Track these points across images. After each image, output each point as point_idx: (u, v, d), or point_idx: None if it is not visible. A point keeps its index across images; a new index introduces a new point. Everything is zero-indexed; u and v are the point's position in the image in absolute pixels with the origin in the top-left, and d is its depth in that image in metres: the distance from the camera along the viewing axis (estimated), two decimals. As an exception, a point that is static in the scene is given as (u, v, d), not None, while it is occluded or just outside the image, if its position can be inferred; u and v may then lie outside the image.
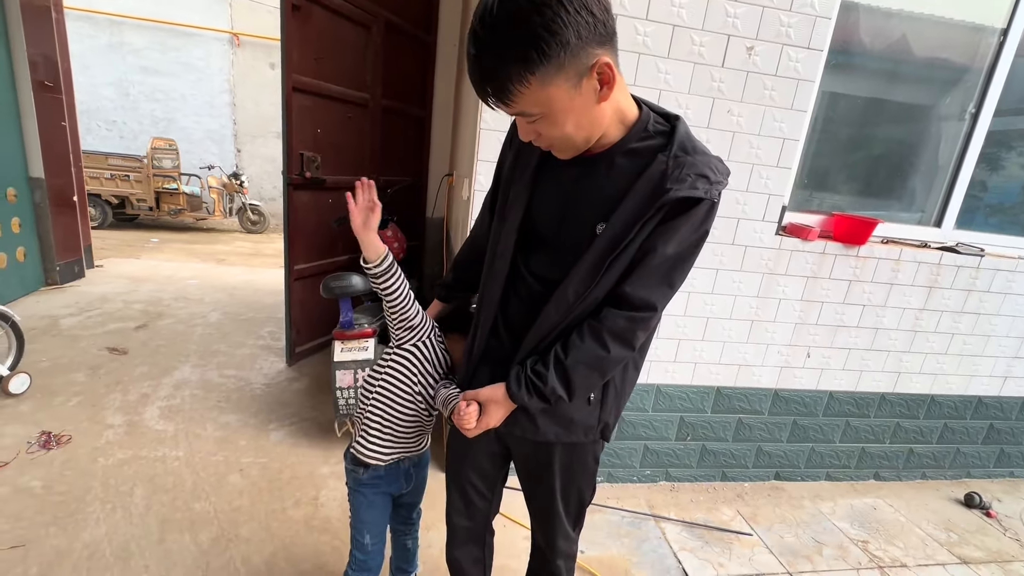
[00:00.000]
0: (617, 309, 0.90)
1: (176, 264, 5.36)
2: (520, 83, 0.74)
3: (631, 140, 0.88)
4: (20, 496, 1.81)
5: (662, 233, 0.85)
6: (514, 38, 0.71)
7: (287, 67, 2.58)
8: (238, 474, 2.07)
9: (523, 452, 1.13)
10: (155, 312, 3.72)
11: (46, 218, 3.87)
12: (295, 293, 2.95)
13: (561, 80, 0.75)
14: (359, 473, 1.25)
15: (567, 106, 0.78)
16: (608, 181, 0.88)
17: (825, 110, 2.15)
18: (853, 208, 2.34)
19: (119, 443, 2.18)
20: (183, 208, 7.53)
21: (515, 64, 0.73)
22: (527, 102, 0.77)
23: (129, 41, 7.90)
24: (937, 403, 2.54)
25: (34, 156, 3.75)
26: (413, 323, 1.15)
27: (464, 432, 1.00)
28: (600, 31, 0.74)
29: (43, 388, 2.52)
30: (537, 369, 0.94)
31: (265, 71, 8.43)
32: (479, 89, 0.79)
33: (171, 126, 8.24)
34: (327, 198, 3.03)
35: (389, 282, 1.08)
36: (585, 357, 0.91)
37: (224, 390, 2.72)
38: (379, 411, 1.20)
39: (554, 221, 0.95)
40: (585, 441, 1.06)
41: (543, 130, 0.83)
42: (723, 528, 2.14)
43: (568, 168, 0.92)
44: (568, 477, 1.11)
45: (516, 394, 0.95)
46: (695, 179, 0.82)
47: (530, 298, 0.98)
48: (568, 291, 0.90)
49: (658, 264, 0.87)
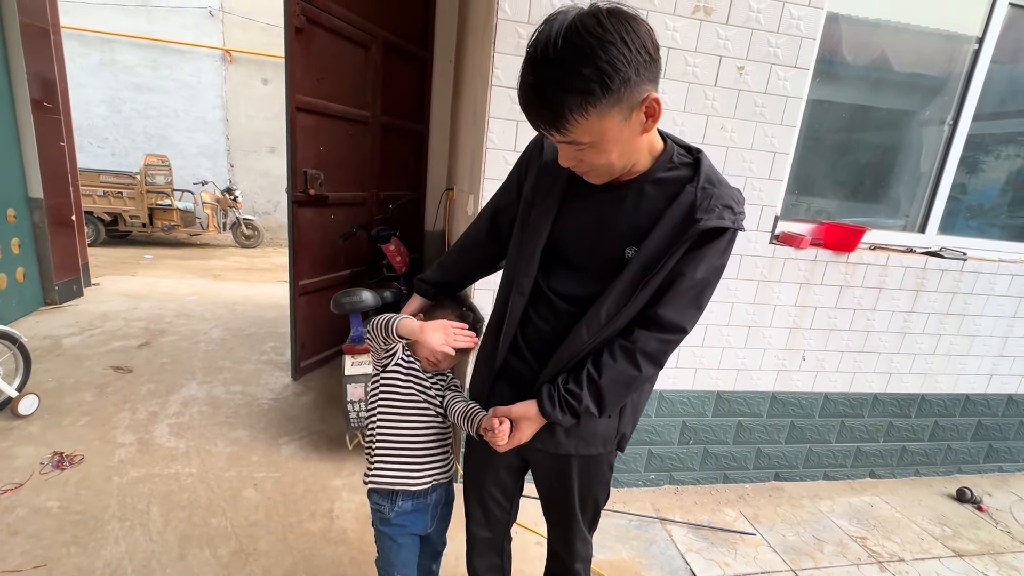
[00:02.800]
0: (649, 331, 0.95)
1: (173, 280, 5.36)
2: (580, 114, 0.78)
3: (658, 170, 0.93)
4: (38, 516, 1.83)
5: (690, 260, 0.91)
6: (579, 72, 0.74)
7: (291, 87, 2.64)
8: (252, 489, 2.10)
9: (543, 464, 1.17)
10: (157, 329, 3.74)
11: (45, 238, 3.88)
12: (300, 308, 2.99)
13: (615, 113, 0.79)
14: (384, 511, 1.22)
15: (616, 137, 0.82)
16: (638, 208, 0.93)
17: (812, 119, 2.25)
18: (841, 215, 2.45)
19: (132, 461, 2.20)
20: (177, 224, 7.52)
21: (577, 96, 0.76)
22: (582, 132, 0.80)
23: (121, 59, 7.92)
24: (927, 402, 2.64)
25: (33, 176, 3.76)
26: (396, 351, 1.19)
27: (495, 448, 1.04)
28: (653, 69, 0.79)
29: (51, 408, 2.53)
30: (571, 388, 0.98)
31: (258, 86, 8.47)
32: (534, 116, 0.82)
33: (164, 142, 8.24)
34: (330, 214, 3.09)
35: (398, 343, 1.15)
36: (618, 376, 0.96)
37: (232, 406, 2.74)
38: (393, 435, 1.19)
39: (583, 242, 0.99)
40: (603, 452, 1.11)
41: (588, 158, 0.87)
42: (727, 529, 2.21)
43: (598, 193, 0.97)
44: (586, 487, 1.15)
45: (551, 413, 0.99)
46: (722, 210, 0.88)
47: (553, 316, 1.02)
48: (601, 313, 0.95)
49: (687, 288, 0.92)
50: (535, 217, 1.02)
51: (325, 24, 2.76)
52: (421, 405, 1.19)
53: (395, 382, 1.18)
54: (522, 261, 1.04)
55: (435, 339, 1.07)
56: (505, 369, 1.11)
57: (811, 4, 1.93)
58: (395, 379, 1.18)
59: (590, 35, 0.74)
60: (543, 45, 0.76)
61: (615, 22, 0.74)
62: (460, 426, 1.16)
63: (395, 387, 1.18)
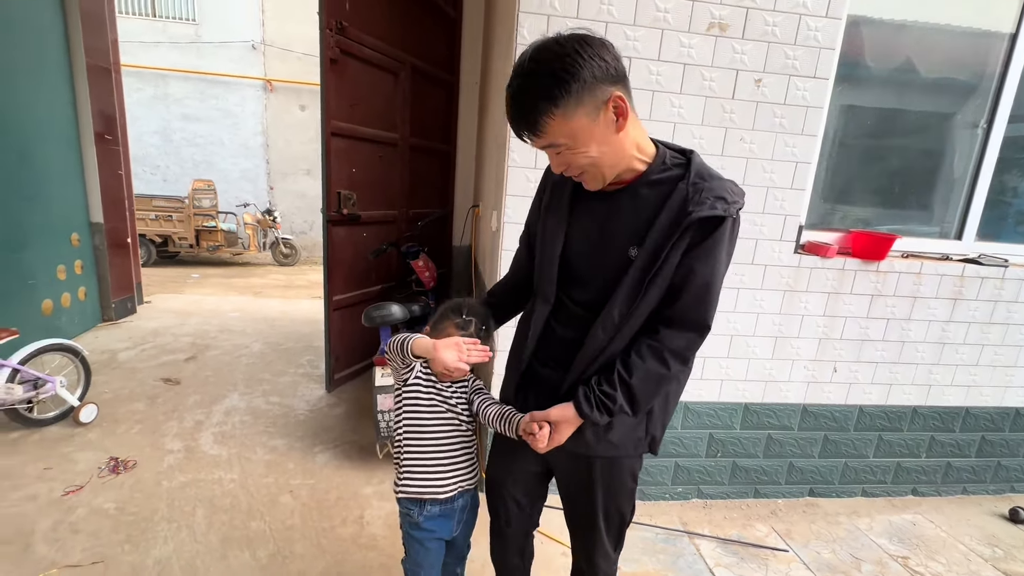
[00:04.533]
0: (672, 329, 1.00)
1: (217, 298, 5.65)
2: (548, 115, 0.89)
3: (653, 173, 1.01)
4: (97, 516, 1.98)
5: (697, 256, 0.96)
6: (541, 79, 0.88)
7: (326, 114, 2.81)
8: (289, 495, 2.20)
9: (565, 468, 1.21)
10: (202, 344, 3.95)
11: (104, 259, 4.18)
12: (334, 323, 3.13)
13: (581, 112, 0.89)
14: (413, 515, 1.26)
15: (588, 135, 0.92)
16: (636, 209, 1.00)
17: (841, 125, 2.24)
18: (873, 223, 2.40)
19: (179, 467, 2.34)
20: (221, 244, 7.94)
21: (542, 100, 0.88)
22: (554, 132, 0.91)
23: (172, 92, 8.50)
24: (972, 415, 2.52)
25: (95, 203, 4.08)
26: (414, 366, 1.23)
27: (536, 450, 1.08)
28: (611, 72, 0.90)
29: (108, 417, 2.72)
30: (604, 389, 1.02)
31: (296, 112, 8.92)
32: (515, 125, 0.94)
33: (210, 168, 8.76)
34: (362, 232, 3.23)
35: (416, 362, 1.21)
36: (648, 374, 1.01)
37: (270, 416, 2.88)
38: (419, 446, 1.23)
39: (592, 250, 1.06)
40: (632, 455, 1.15)
41: (570, 159, 0.96)
42: (758, 544, 2.16)
43: (599, 201, 1.04)
44: (608, 493, 1.17)
45: (589, 413, 1.03)
46: (714, 201, 0.94)
47: (574, 322, 1.09)
48: (613, 312, 1.01)
49: (700, 284, 0.97)
50: (550, 228, 1.10)
51: (357, 54, 2.93)
52: (445, 415, 1.24)
53: (417, 395, 1.24)
54: (543, 270, 1.12)
55: (449, 357, 1.12)
56: (533, 376, 1.17)
57: (829, 15, 1.94)
58: (417, 392, 1.24)
59: (550, 51, 0.88)
60: (518, 65, 0.91)
61: (572, 40, 0.89)
62: (496, 428, 1.19)
63: (417, 400, 1.24)
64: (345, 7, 2.80)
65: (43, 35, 3.54)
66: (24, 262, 3.32)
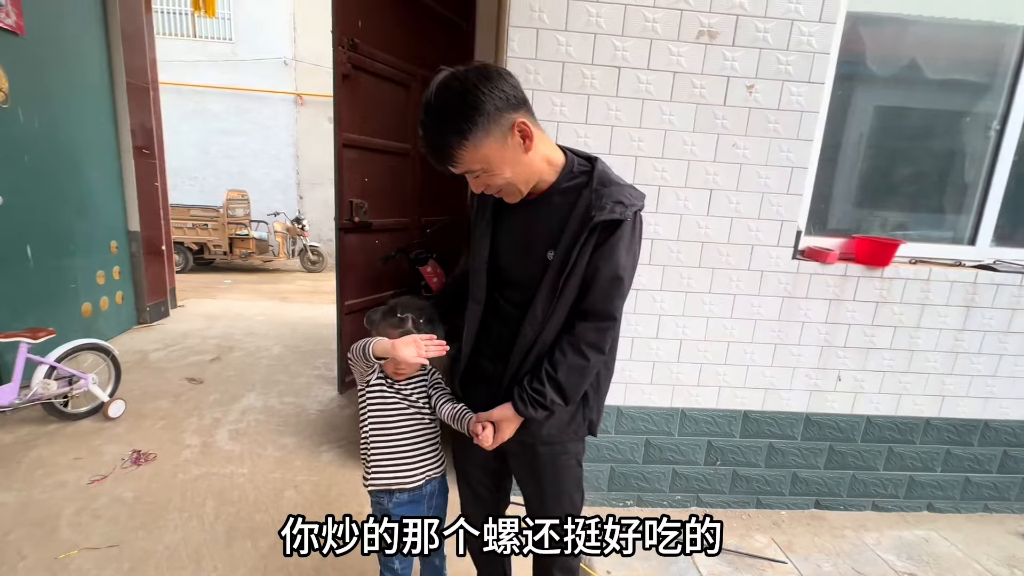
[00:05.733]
0: (586, 322, 1.10)
1: (246, 303, 5.91)
2: (459, 148, 0.96)
3: (562, 181, 1.10)
4: (116, 504, 2.12)
5: (601, 254, 1.05)
6: (449, 116, 0.95)
7: (338, 126, 2.94)
8: (293, 490, 2.30)
9: (515, 454, 1.29)
10: (227, 346, 4.15)
11: (140, 266, 4.46)
12: (346, 326, 3.24)
13: (490, 140, 0.97)
14: (384, 503, 1.34)
15: (501, 159, 1.00)
16: (550, 216, 1.10)
17: (844, 127, 2.20)
18: (881, 228, 2.35)
19: (195, 461, 2.47)
20: (253, 252, 8.29)
21: (454, 135, 0.95)
22: (468, 161, 0.99)
23: (210, 107, 8.98)
24: (992, 429, 2.41)
25: (132, 212, 4.37)
26: (376, 368, 1.30)
27: (483, 447, 1.17)
28: (512, 101, 0.98)
29: (135, 412, 2.90)
30: (535, 387, 1.12)
31: (324, 125, 9.27)
32: (431, 157, 1.02)
33: (243, 179, 9.18)
34: (374, 239, 3.34)
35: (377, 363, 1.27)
36: (571, 368, 1.10)
37: (283, 415, 3.01)
38: (385, 440, 1.31)
39: (517, 254, 1.15)
40: (574, 439, 1.24)
41: (488, 180, 1.04)
42: (756, 555, 2.12)
43: (520, 210, 1.14)
44: (556, 479, 1.26)
45: (524, 411, 1.13)
46: (613, 205, 1.03)
47: (509, 321, 1.18)
48: (537, 310, 1.10)
49: (604, 279, 1.07)
50: (477, 238, 1.20)
51: (369, 69, 3.06)
52: (407, 411, 1.32)
53: (380, 394, 1.32)
54: (473, 275, 1.21)
55: (408, 353, 1.18)
56: (479, 372, 1.26)
57: (822, 19, 1.93)
58: (380, 391, 1.32)
59: (452, 89, 0.95)
60: (425, 102, 0.98)
61: (472, 75, 0.96)
62: (455, 426, 1.27)
63: (381, 398, 1.32)
64: (357, 24, 2.94)
65: (87, 56, 3.83)
66: (67, 268, 3.58)
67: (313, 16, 8.69)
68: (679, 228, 2.06)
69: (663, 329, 2.15)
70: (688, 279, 2.12)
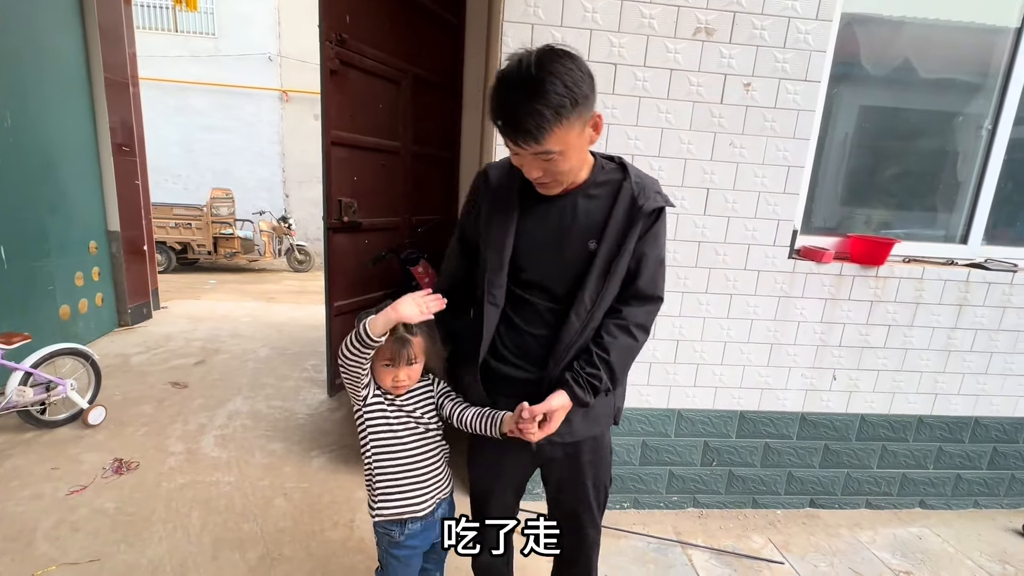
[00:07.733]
0: (634, 306, 1.14)
1: (231, 303, 5.78)
2: (556, 124, 0.93)
3: (596, 177, 1.13)
4: (97, 516, 2.04)
5: (647, 241, 1.11)
6: (553, 92, 0.92)
7: (326, 124, 2.87)
8: (283, 498, 2.23)
9: (555, 457, 1.24)
10: (212, 349, 4.05)
11: (120, 266, 4.33)
12: (335, 328, 3.17)
13: (578, 125, 0.97)
14: (395, 536, 1.24)
15: (576, 145, 1.00)
16: (591, 208, 1.11)
17: (840, 126, 2.20)
18: (875, 227, 2.35)
19: (180, 469, 2.39)
20: (238, 251, 8.13)
21: (552, 110, 0.92)
22: (554, 141, 0.95)
23: (193, 104, 8.78)
24: (983, 426, 2.43)
25: (112, 212, 4.23)
26: (370, 380, 1.18)
27: (528, 440, 1.09)
28: (595, 92, 1.00)
29: (116, 419, 2.80)
30: (590, 371, 1.12)
31: (311, 122, 9.11)
32: (515, 130, 0.95)
33: (227, 176, 8.99)
34: (364, 239, 3.28)
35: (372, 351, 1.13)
36: (623, 349, 1.13)
37: (271, 420, 2.93)
38: (393, 466, 1.20)
39: (548, 249, 1.13)
40: (606, 429, 1.27)
41: (555, 166, 1.01)
42: (753, 556, 2.11)
43: (548, 206, 1.12)
44: (597, 471, 1.29)
45: (581, 397, 1.11)
46: (655, 195, 1.11)
47: (540, 318, 1.16)
48: (585, 298, 1.10)
49: (653, 263, 1.14)
50: (497, 235, 1.14)
51: (358, 65, 2.99)
52: (413, 429, 1.21)
53: (381, 413, 1.19)
54: (491, 274, 1.15)
55: (409, 311, 1.07)
56: (500, 377, 1.20)
57: (819, 17, 1.92)
58: (380, 409, 1.19)
59: (556, 64, 0.93)
60: (520, 73, 0.93)
61: (567, 57, 0.95)
62: (476, 431, 1.18)
63: (383, 417, 1.19)
64: (345, 20, 2.87)
65: (63, 50, 3.70)
66: (44, 269, 3.46)
67: (299, 10, 8.53)
68: (676, 227, 2.04)
69: (660, 330, 2.13)
70: (685, 279, 2.10)
